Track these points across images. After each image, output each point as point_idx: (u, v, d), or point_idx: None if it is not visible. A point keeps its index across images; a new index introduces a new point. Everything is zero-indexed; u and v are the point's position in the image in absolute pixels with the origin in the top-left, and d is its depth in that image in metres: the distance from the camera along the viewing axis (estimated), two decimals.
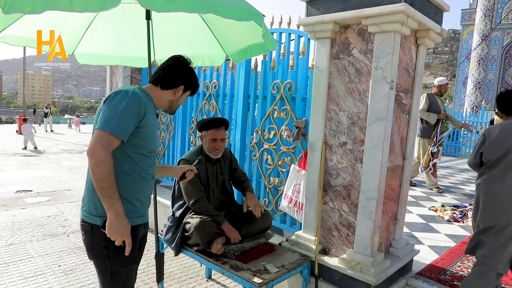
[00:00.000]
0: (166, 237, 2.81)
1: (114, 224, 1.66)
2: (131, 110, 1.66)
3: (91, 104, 78.74)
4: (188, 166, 2.05)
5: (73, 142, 14.99)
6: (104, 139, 1.61)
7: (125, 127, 1.64)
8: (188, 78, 1.90)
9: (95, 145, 1.60)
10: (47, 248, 3.95)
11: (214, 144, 2.78)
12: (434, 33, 2.62)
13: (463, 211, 4.54)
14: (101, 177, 1.61)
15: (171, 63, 1.89)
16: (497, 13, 15.21)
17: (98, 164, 1.60)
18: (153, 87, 1.87)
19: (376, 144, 2.40)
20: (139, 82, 5.36)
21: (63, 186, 6.84)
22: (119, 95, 1.68)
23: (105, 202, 1.64)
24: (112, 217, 1.65)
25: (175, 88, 1.88)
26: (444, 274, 2.86)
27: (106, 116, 1.63)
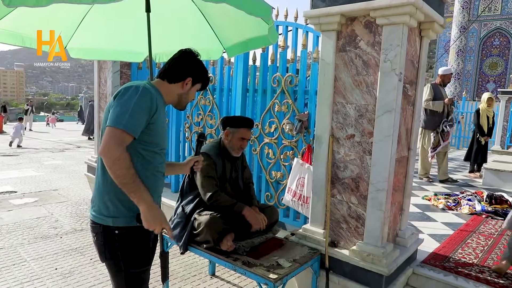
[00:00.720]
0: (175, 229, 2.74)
1: (149, 215, 1.61)
2: (143, 106, 1.61)
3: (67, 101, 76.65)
4: (194, 157, 2.00)
5: (54, 141, 14.58)
6: (117, 136, 1.55)
7: (137, 124, 1.59)
8: (195, 69, 1.84)
9: (108, 143, 1.54)
10: (40, 251, 3.83)
11: (241, 143, 2.76)
12: (438, 25, 2.64)
13: (456, 199, 4.65)
14: (121, 174, 1.55)
15: (177, 56, 1.83)
16: (474, 5, 15.57)
17: (115, 162, 1.54)
18: (161, 82, 1.81)
19: (385, 135, 2.40)
20: (129, 77, 5.24)
21: (49, 186, 6.63)
22: (130, 90, 1.62)
23: (132, 198, 1.59)
24: (144, 210, 1.60)
25: (183, 81, 1.81)
26: (448, 261, 2.92)
27: (117, 112, 1.57)
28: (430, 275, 2.69)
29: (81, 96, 29.03)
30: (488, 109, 7.12)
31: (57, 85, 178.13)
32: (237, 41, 3.12)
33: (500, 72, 15.66)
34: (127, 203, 1.70)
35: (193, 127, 4.39)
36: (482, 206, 4.39)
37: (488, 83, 15.80)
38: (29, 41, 2.81)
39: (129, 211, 1.72)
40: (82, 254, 3.78)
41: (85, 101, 26.36)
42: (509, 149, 9.54)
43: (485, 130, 7.04)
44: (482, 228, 3.84)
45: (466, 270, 2.75)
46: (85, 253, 3.79)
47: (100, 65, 5.42)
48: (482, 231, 3.74)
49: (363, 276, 2.51)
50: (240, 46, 3.10)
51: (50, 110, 39.92)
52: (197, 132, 4.36)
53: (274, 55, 3.51)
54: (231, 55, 3.25)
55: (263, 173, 3.62)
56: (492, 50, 15.82)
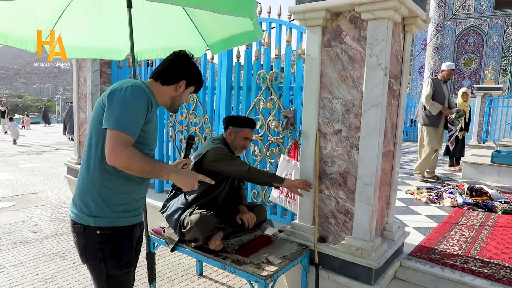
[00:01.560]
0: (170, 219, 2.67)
1: (182, 179, 1.65)
2: (141, 107, 1.59)
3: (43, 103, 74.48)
4: (183, 160, 1.96)
5: (30, 143, 14.15)
6: (122, 139, 1.52)
7: (137, 126, 1.58)
8: (189, 72, 1.81)
9: (115, 148, 1.51)
10: (19, 257, 3.70)
11: (244, 142, 2.76)
12: (421, 20, 2.67)
13: (438, 193, 4.75)
14: (140, 167, 1.55)
15: (172, 58, 1.81)
16: (449, 3, 15.94)
17: (130, 163, 1.53)
18: (154, 83, 1.78)
19: (372, 130, 2.42)
20: (109, 76, 5.12)
21: (26, 190, 6.43)
22: (127, 90, 1.58)
23: (161, 176, 1.64)
24: (175, 178, 1.64)
25: (177, 84, 1.79)
26: (433, 253, 2.96)
27: (117, 114, 1.53)
28: (417, 267, 2.73)
29: (57, 98, 28.29)
30: (464, 104, 7.26)
31: (32, 87, 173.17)
32: (220, 38, 3.08)
33: (475, 68, 16.10)
34: (111, 203, 1.65)
35: (177, 125, 4.33)
36: (463, 199, 4.49)
37: (464, 79, 16.22)
38: (4, 38, 2.70)
39: (112, 211, 1.67)
40: (64, 258, 3.67)
41: (62, 102, 25.75)
42: (485, 143, 9.83)
43: (462, 124, 7.13)
44: (465, 219, 3.92)
45: (451, 261, 2.80)
46: (67, 257, 3.68)
47: (79, 64, 5.28)
48: (465, 222, 3.82)
49: (353, 270, 2.51)
50: (224, 42, 3.07)
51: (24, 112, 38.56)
52: (181, 131, 4.30)
53: (258, 51, 3.48)
54: (215, 52, 3.22)
55: None
56: (467, 47, 16.25)
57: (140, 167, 1.55)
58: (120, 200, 1.68)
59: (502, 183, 5.90)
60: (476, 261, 2.84)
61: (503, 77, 15.64)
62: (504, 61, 15.57)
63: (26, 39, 2.79)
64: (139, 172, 1.56)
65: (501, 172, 5.98)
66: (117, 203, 1.67)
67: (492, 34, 15.67)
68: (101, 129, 1.58)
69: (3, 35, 2.67)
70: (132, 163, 1.53)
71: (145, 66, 4.69)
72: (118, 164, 1.53)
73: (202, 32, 3.12)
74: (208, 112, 4.03)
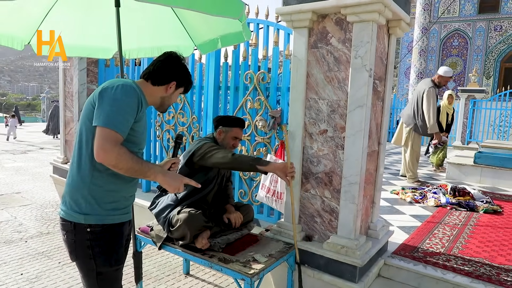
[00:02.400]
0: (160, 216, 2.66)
1: (169, 181, 1.68)
2: (132, 106, 1.61)
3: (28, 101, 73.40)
4: (171, 159, 1.97)
5: (14, 142, 13.92)
6: (111, 137, 1.54)
7: (126, 124, 1.60)
8: (180, 74, 1.84)
9: (104, 145, 1.52)
10: (3, 257, 3.65)
11: (234, 142, 2.79)
12: (404, 23, 2.74)
13: (422, 193, 4.84)
14: (128, 166, 1.57)
15: (163, 59, 1.82)
16: (434, 7, 16.22)
17: (118, 160, 1.54)
18: (144, 83, 1.80)
19: (357, 130, 2.46)
20: (96, 75, 5.09)
21: (11, 189, 6.34)
22: (118, 89, 1.59)
23: (148, 177, 1.66)
24: (162, 179, 1.67)
25: (167, 84, 1.81)
26: (416, 251, 3.03)
27: (107, 111, 1.55)
28: (400, 265, 2.78)
29: (43, 96, 27.82)
30: (448, 106, 7.38)
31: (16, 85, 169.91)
32: (209, 38, 3.10)
33: (459, 71, 16.41)
34: (101, 201, 1.67)
35: (164, 125, 4.32)
36: (446, 199, 4.58)
37: (449, 81, 16.54)
38: None
39: (102, 209, 1.68)
40: (50, 258, 3.63)
41: (48, 101, 25.35)
42: (469, 145, 10.03)
43: (443, 126, 7.23)
44: (447, 219, 4.01)
45: (434, 259, 2.86)
46: (53, 257, 3.65)
47: (66, 66, 5.22)
48: (447, 222, 3.91)
49: (338, 268, 2.56)
50: (212, 43, 3.08)
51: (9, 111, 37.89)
52: (169, 130, 4.30)
53: (246, 52, 3.51)
54: (204, 52, 3.23)
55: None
56: (452, 50, 16.56)
57: (127, 166, 1.57)
58: (110, 198, 1.69)
59: (484, 183, 6.04)
60: (458, 259, 2.91)
61: (486, 80, 15.99)
62: (487, 64, 15.91)
63: (12, 36, 2.77)
64: (126, 171, 1.58)
65: (483, 173, 6.12)
66: (107, 201, 1.68)
67: (476, 37, 16.01)
68: (92, 127, 1.59)
69: None
70: (120, 162, 1.54)
71: (132, 65, 4.67)
72: (106, 161, 1.54)
73: (190, 32, 3.13)
74: (195, 111, 4.03)
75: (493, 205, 4.48)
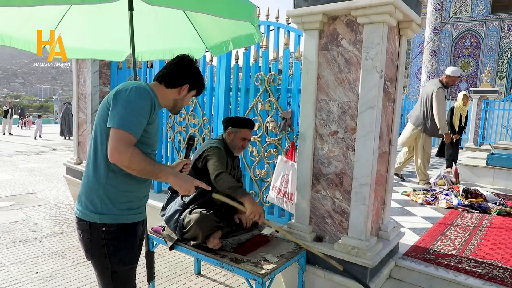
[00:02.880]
0: (169, 222, 2.72)
1: (180, 182, 1.71)
2: (145, 108, 1.65)
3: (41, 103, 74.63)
4: (183, 160, 2.01)
5: (28, 144, 14.16)
6: (125, 138, 1.58)
7: (140, 127, 1.63)
8: (193, 77, 1.87)
9: (117, 147, 1.56)
10: (19, 256, 3.73)
11: (242, 143, 2.81)
12: (415, 24, 2.73)
13: (433, 195, 4.80)
14: (140, 168, 1.60)
15: (176, 62, 1.85)
16: (446, 7, 16.07)
17: (131, 162, 1.58)
18: (157, 85, 1.84)
19: (368, 131, 2.47)
20: (109, 77, 5.16)
21: (25, 190, 6.46)
22: (132, 91, 1.64)
23: (160, 178, 1.69)
24: (173, 180, 1.70)
25: (180, 87, 1.84)
26: (428, 253, 3.01)
27: (122, 113, 1.59)
28: (412, 267, 2.78)
29: (55, 98, 28.25)
30: (463, 107, 7.22)
31: (29, 87, 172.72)
32: (220, 40, 3.13)
33: (471, 72, 16.22)
34: (116, 201, 1.70)
35: (176, 126, 4.37)
36: (458, 200, 4.54)
37: (461, 82, 16.32)
38: (8, 39, 2.75)
39: (117, 209, 1.72)
40: (64, 257, 3.70)
41: (60, 103, 25.73)
42: (481, 146, 9.91)
43: (456, 128, 7.14)
44: (459, 221, 3.98)
45: (445, 261, 2.85)
46: (67, 256, 3.72)
47: (79, 65, 5.32)
48: (460, 223, 3.88)
49: (348, 269, 2.55)
50: (224, 45, 3.11)
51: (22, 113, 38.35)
52: (180, 132, 4.34)
53: (257, 54, 3.54)
54: (215, 54, 3.26)
55: (247, 171, 3.64)
56: (464, 50, 16.37)
57: (140, 167, 1.60)
58: (125, 198, 1.73)
59: (497, 185, 5.97)
60: (470, 261, 2.89)
61: (499, 80, 15.77)
62: (500, 64, 15.69)
63: (28, 40, 2.84)
64: (139, 172, 1.61)
65: (496, 174, 6.05)
66: (122, 201, 1.72)
67: (488, 37, 15.80)
68: (107, 129, 1.63)
69: (8, 37, 2.72)
70: (133, 162, 1.58)
71: (144, 68, 4.73)
72: (120, 162, 1.58)
73: (201, 34, 3.17)
74: (206, 113, 4.07)
75: (506, 207, 4.43)
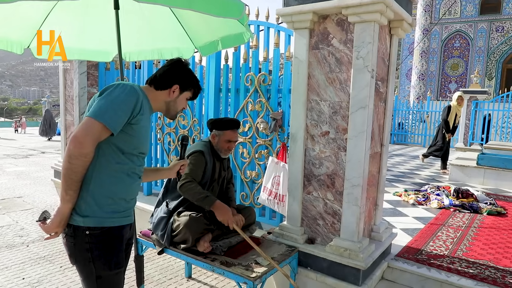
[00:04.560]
0: (156, 231, 2.66)
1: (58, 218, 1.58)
2: (128, 104, 1.59)
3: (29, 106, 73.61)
4: (180, 161, 1.98)
5: (16, 147, 13.93)
6: (95, 130, 1.52)
7: (118, 121, 1.57)
8: (182, 77, 1.82)
9: (85, 136, 1.51)
10: (5, 261, 3.63)
11: (228, 145, 2.74)
12: (406, 23, 2.72)
13: (425, 195, 4.80)
14: (77, 170, 1.54)
15: (167, 65, 1.83)
16: (435, 8, 16.22)
17: (80, 157, 1.52)
18: (148, 88, 1.80)
19: (359, 132, 2.44)
20: (96, 79, 5.08)
21: (12, 194, 6.32)
22: (118, 87, 1.60)
23: (67, 194, 1.56)
24: (62, 211, 1.58)
25: (169, 88, 1.80)
26: (420, 254, 3.00)
27: (101, 105, 1.55)
28: (404, 268, 2.75)
29: (44, 101, 27.86)
30: (458, 107, 7.20)
31: (17, 89, 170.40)
32: (209, 40, 3.08)
33: (461, 72, 16.38)
34: (101, 203, 1.64)
35: (165, 128, 4.31)
36: (450, 200, 4.55)
37: (450, 83, 16.48)
38: None
39: (102, 211, 1.66)
40: (51, 262, 3.61)
41: (49, 105, 25.38)
42: (471, 146, 9.98)
43: (451, 126, 7.17)
44: (451, 221, 3.98)
45: (438, 262, 2.83)
46: (54, 261, 3.63)
47: (66, 66, 5.22)
48: (451, 224, 3.87)
49: (341, 271, 2.53)
50: (213, 45, 3.06)
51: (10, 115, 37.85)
52: (170, 133, 4.28)
53: (247, 54, 3.50)
54: (205, 54, 3.21)
55: (238, 173, 3.60)
56: (453, 51, 16.54)
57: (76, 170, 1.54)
58: (109, 200, 1.67)
59: (488, 185, 6.00)
60: (462, 261, 2.88)
61: (488, 81, 15.96)
62: (489, 65, 15.88)
63: (11, 40, 2.76)
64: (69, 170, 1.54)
65: (486, 174, 6.09)
66: (107, 203, 1.66)
67: (477, 38, 15.99)
68: None
69: None
70: (79, 160, 1.53)
71: (132, 69, 4.66)
72: (73, 148, 1.51)
73: (190, 34, 3.12)
74: (196, 114, 4.02)
75: (497, 206, 4.45)
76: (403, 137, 12.64)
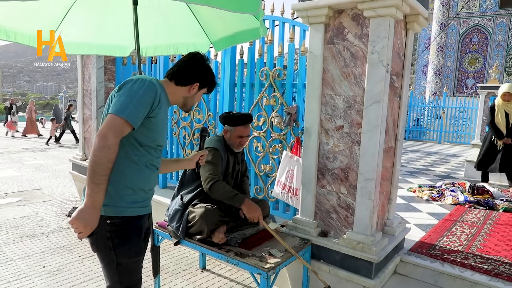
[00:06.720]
0: (172, 223, 2.73)
1: (88, 213, 1.58)
2: (147, 99, 1.64)
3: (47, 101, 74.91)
4: (199, 152, 2.05)
5: (34, 140, 14.27)
6: (118, 125, 1.58)
7: (138, 115, 1.63)
8: (203, 75, 1.86)
9: (108, 130, 1.57)
10: (26, 250, 3.76)
11: (240, 140, 2.77)
12: (423, 18, 2.70)
13: (439, 191, 4.77)
14: (101, 162, 1.57)
15: (187, 59, 1.85)
16: (453, 2, 15.91)
17: (104, 149, 1.56)
18: (168, 82, 1.84)
19: (373, 126, 2.45)
20: (114, 73, 5.18)
21: (32, 186, 6.50)
22: (136, 82, 1.65)
23: (90, 188, 1.58)
24: (88, 206, 1.58)
25: (190, 85, 1.84)
26: (434, 249, 2.99)
27: (122, 101, 1.60)
28: (417, 262, 2.76)
29: (60, 96, 28.43)
30: (506, 105, 5.54)
31: (35, 85, 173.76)
32: (224, 35, 3.11)
33: (479, 68, 16.07)
34: (121, 193, 1.70)
35: (181, 122, 4.38)
36: (465, 197, 4.51)
37: (468, 78, 16.19)
38: (14, 35, 2.75)
39: (122, 201, 1.72)
40: (70, 251, 3.73)
41: (65, 100, 25.87)
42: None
43: (503, 129, 5.52)
44: (466, 217, 3.95)
45: (451, 257, 2.83)
46: (73, 251, 3.74)
47: (84, 61, 5.33)
48: (466, 220, 3.85)
49: (353, 264, 2.55)
50: (228, 40, 3.10)
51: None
52: (185, 127, 4.35)
53: (262, 49, 3.52)
54: (219, 49, 3.25)
55: (252, 167, 3.64)
56: (471, 46, 16.22)
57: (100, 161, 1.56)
58: (130, 191, 1.73)
59: (504, 181, 5.91)
60: (476, 257, 2.87)
61: (507, 77, 15.62)
62: (508, 60, 15.52)
63: (34, 36, 2.84)
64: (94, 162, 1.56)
65: None
66: (127, 193, 1.72)
67: (496, 33, 15.63)
68: None
69: (13, 32, 2.72)
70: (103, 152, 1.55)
71: (149, 63, 4.73)
72: (98, 142, 1.55)
73: (205, 29, 3.16)
74: (211, 109, 4.07)
75: None
76: (419, 133, 12.50)
